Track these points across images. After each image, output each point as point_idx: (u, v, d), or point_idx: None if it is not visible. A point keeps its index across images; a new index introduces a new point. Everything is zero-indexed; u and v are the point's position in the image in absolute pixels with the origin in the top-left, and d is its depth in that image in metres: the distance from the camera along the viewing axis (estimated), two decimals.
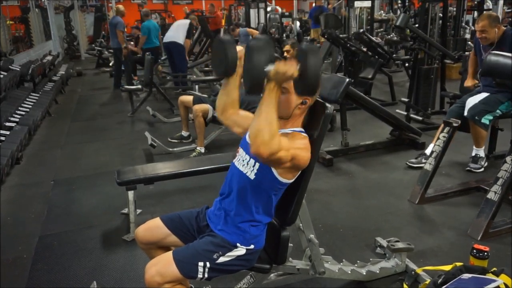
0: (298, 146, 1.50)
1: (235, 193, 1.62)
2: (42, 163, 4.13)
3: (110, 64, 9.70)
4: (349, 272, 2.04)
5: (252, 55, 1.40)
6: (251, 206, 1.59)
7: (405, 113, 4.96)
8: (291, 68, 1.39)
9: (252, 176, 1.57)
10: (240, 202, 1.60)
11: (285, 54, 4.23)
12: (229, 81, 1.66)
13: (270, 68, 1.39)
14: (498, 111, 3.29)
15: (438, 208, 2.93)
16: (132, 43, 8.41)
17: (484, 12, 5.46)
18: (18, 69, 6.10)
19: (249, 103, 3.20)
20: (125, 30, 7.69)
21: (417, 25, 5.41)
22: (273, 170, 1.53)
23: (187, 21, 7.25)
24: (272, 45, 1.46)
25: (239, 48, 1.57)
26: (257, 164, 1.55)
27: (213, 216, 1.69)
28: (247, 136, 1.69)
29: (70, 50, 12.98)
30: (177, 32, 7.04)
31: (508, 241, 2.47)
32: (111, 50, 8.60)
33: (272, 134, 1.37)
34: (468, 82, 3.69)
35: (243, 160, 1.62)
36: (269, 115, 1.38)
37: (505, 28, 3.40)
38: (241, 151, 1.67)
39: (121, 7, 7.61)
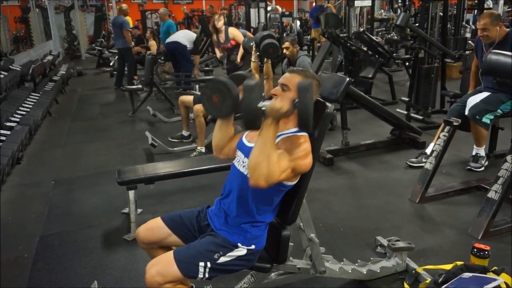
0: (298, 155, 1.50)
1: (235, 194, 1.62)
2: (43, 163, 4.14)
3: (111, 64, 9.69)
4: (350, 271, 2.04)
5: (248, 94, 1.43)
6: (252, 207, 1.59)
7: (406, 112, 4.95)
8: (285, 105, 1.42)
9: None
10: (241, 204, 1.59)
11: (284, 51, 4.20)
12: (227, 120, 1.69)
13: (266, 104, 1.43)
14: (499, 110, 3.28)
15: (438, 207, 2.92)
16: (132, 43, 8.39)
17: (486, 10, 5.45)
18: (18, 69, 6.10)
19: None
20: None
21: (417, 24, 5.41)
22: None
23: (195, 34, 6.90)
24: (261, 86, 1.51)
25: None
26: None
27: (214, 216, 1.69)
28: (243, 138, 1.69)
29: (71, 50, 12.99)
30: (182, 36, 6.72)
31: (508, 240, 2.46)
32: (113, 50, 8.53)
33: (270, 167, 1.40)
34: None
35: (242, 161, 1.62)
36: (266, 149, 1.40)
37: (508, 30, 3.37)
38: (239, 153, 1.67)
39: (124, 5, 7.53)
